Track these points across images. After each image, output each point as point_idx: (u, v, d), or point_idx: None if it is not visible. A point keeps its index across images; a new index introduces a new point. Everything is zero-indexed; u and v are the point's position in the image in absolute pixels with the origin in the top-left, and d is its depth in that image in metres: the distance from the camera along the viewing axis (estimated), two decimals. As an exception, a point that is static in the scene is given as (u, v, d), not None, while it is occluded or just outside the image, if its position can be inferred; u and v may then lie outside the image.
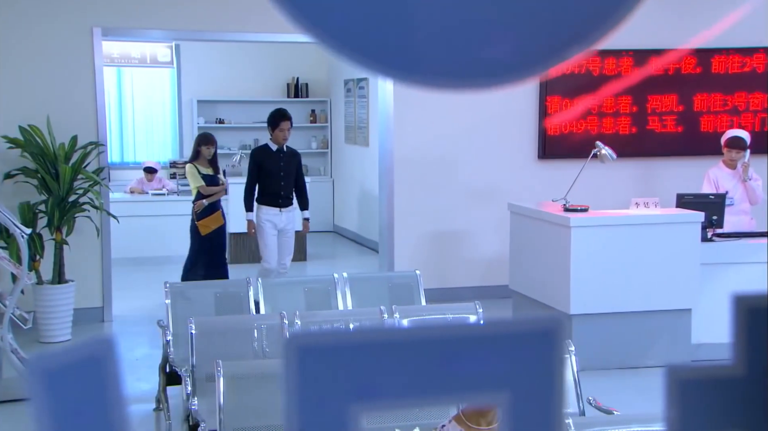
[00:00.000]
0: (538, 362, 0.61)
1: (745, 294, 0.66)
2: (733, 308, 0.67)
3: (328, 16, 0.58)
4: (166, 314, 6.17)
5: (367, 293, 6.67)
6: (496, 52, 0.61)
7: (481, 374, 0.60)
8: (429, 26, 0.58)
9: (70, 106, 8.26)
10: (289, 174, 8.25)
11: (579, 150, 8.45)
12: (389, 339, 0.59)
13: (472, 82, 0.65)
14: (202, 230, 8.51)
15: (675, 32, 9.42)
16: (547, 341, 0.62)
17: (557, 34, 0.62)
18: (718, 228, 7.32)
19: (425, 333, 0.60)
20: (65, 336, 7.90)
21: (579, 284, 6.92)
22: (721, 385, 0.67)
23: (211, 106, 13.78)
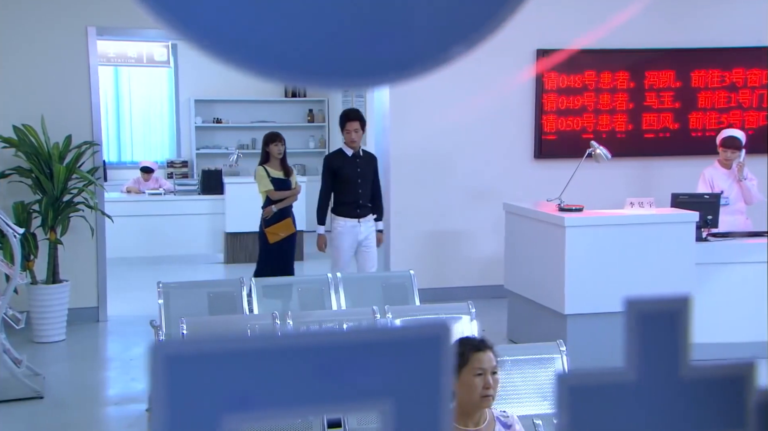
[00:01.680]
0: (422, 370, 0.60)
1: (636, 299, 0.65)
2: (625, 313, 0.66)
3: (205, 17, 0.56)
4: (159, 314, 6.16)
5: (361, 293, 6.66)
6: (378, 51, 0.60)
7: (363, 382, 0.58)
8: (309, 25, 0.57)
9: (65, 105, 8.24)
10: (367, 181, 7.57)
11: (575, 150, 8.43)
12: (264, 347, 0.57)
13: (354, 82, 0.64)
14: (271, 238, 7.99)
15: (674, 32, 9.41)
16: (432, 348, 0.60)
17: (440, 33, 0.60)
18: (713, 228, 7.31)
19: (303, 341, 0.58)
20: (59, 336, 7.89)
21: (573, 284, 6.90)
22: (613, 390, 0.65)
23: (209, 105, 13.77)
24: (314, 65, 0.58)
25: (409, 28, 0.60)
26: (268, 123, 13.94)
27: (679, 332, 0.64)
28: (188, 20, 0.55)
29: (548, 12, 9.17)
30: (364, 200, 7.53)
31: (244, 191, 11.64)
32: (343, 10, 0.57)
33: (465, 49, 0.61)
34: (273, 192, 7.97)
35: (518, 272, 7.77)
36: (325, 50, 0.58)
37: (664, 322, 0.64)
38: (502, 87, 9.19)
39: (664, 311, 0.64)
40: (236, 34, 0.55)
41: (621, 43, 9.31)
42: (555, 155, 9.18)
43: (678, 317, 0.64)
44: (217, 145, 13.83)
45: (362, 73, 0.61)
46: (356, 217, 7.52)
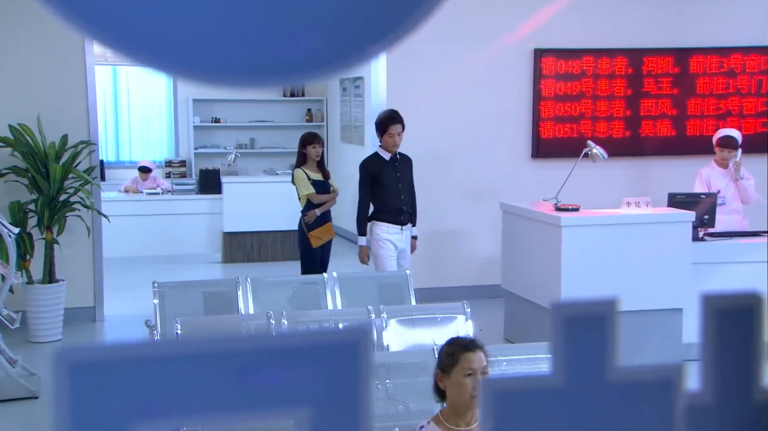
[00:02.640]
0: (340, 376, 0.58)
1: (563, 304, 0.64)
2: (551, 318, 0.65)
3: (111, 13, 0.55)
4: (154, 314, 6.16)
5: (356, 293, 6.64)
6: (293, 50, 0.59)
7: (279, 389, 0.57)
8: (221, 24, 0.56)
9: (62, 105, 8.23)
10: (407, 184, 7.23)
11: (573, 150, 8.41)
12: (172, 354, 0.56)
13: (269, 81, 0.63)
14: (314, 243, 7.69)
15: (669, 30, 9.40)
16: (350, 353, 0.59)
17: (356, 32, 0.59)
18: (710, 228, 7.29)
19: (215, 346, 0.57)
20: (56, 336, 7.88)
21: (570, 284, 6.89)
22: (539, 396, 0.64)
23: (207, 105, 13.77)
24: (224, 64, 0.57)
25: (324, 27, 0.59)
26: (266, 123, 13.95)
27: (607, 336, 0.64)
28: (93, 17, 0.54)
29: (545, 12, 9.16)
30: (406, 206, 7.21)
31: (241, 191, 11.65)
32: (258, 8, 0.56)
33: (382, 49, 0.60)
34: (315, 196, 7.68)
35: (515, 272, 7.76)
36: (238, 49, 0.57)
37: (591, 326, 0.63)
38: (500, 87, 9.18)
39: (591, 315, 0.63)
40: (148, 32, 0.54)
41: (619, 42, 9.30)
42: (553, 155, 9.16)
43: (605, 320, 0.63)
44: (215, 144, 13.82)
45: (278, 71, 0.60)
46: (399, 224, 7.16)
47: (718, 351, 0.67)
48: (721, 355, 0.67)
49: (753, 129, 9.51)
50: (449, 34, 9.02)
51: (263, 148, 13.97)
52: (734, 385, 0.66)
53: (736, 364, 0.67)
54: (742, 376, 0.67)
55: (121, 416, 0.56)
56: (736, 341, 0.67)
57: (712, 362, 0.67)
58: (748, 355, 0.67)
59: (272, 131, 14.06)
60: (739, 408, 0.66)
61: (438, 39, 9.03)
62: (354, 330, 0.59)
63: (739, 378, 0.66)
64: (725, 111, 9.48)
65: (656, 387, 0.64)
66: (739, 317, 0.67)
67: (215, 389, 0.57)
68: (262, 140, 14.04)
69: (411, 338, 5.57)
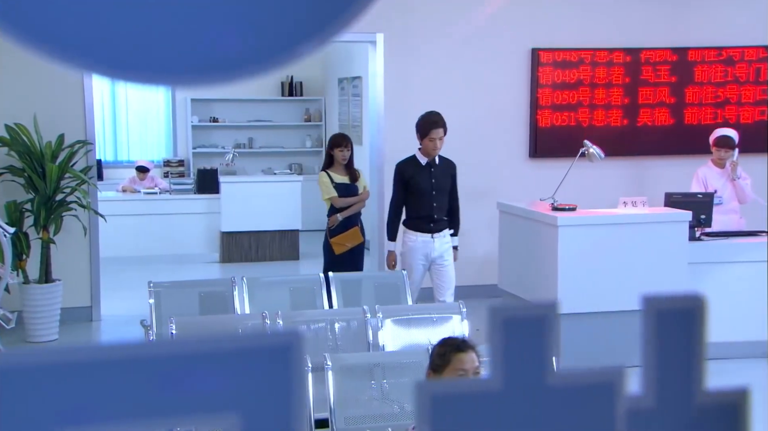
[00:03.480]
0: (271, 381, 0.57)
1: (501, 306, 0.63)
2: (490, 321, 0.64)
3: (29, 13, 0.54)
4: (150, 314, 6.15)
5: (353, 293, 6.64)
6: (225, 47, 0.58)
7: (208, 394, 0.56)
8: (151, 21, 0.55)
9: (58, 104, 8.23)
10: (442, 191, 6.85)
11: (570, 149, 8.40)
12: (98, 359, 0.55)
13: (202, 79, 0.62)
14: (337, 249, 7.40)
15: (667, 30, 9.40)
16: (281, 358, 0.58)
17: (288, 29, 0.58)
18: (707, 227, 7.29)
19: (142, 351, 0.56)
20: (52, 336, 7.87)
21: (566, 284, 6.88)
22: (478, 400, 0.63)
23: (205, 104, 13.76)
24: (149, 62, 0.56)
25: (254, 25, 0.58)
26: (264, 122, 13.94)
27: (546, 338, 0.62)
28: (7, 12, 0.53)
29: (543, 11, 9.16)
30: (439, 214, 6.82)
31: (239, 191, 11.64)
32: (187, 6, 0.55)
33: (313, 47, 0.59)
34: (337, 199, 7.42)
35: (512, 272, 7.75)
36: (164, 47, 0.56)
37: (529, 329, 0.62)
38: (498, 86, 9.17)
39: (531, 317, 0.62)
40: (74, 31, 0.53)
41: (617, 41, 9.29)
42: (550, 154, 9.15)
43: (544, 323, 0.62)
44: (213, 144, 13.82)
45: (207, 70, 0.60)
46: (429, 231, 6.82)
47: (660, 353, 0.66)
48: (663, 358, 0.66)
49: (751, 118, 9.49)
50: (447, 34, 9.02)
51: (261, 147, 13.96)
52: (676, 388, 0.65)
53: (678, 367, 0.66)
54: (684, 379, 0.66)
55: (46, 422, 0.55)
56: (678, 343, 0.66)
57: (653, 365, 0.66)
58: (690, 358, 0.66)
59: (270, 131, 14.05)
60: (681, 411, 0.65)
61: (436, 38, 9.02)
62: (285, 334, 0.58)
63: (681, 380, 0.65)
64: (723, 99, 9.45)
65: (597, 390, 0.63)
66: (681, 319, 0.66)
67: (142, 395, 0.56)
68: (261, 140, 14.03)
69: (407, 338, 5.56)
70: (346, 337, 5.58)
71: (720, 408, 0.67)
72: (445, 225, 6.88)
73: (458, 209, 7.03)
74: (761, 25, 9.11)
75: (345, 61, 13.00)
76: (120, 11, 0.54)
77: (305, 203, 12.29)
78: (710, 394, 0.67)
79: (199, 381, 0.56)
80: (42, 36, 0.54)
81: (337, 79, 13.49)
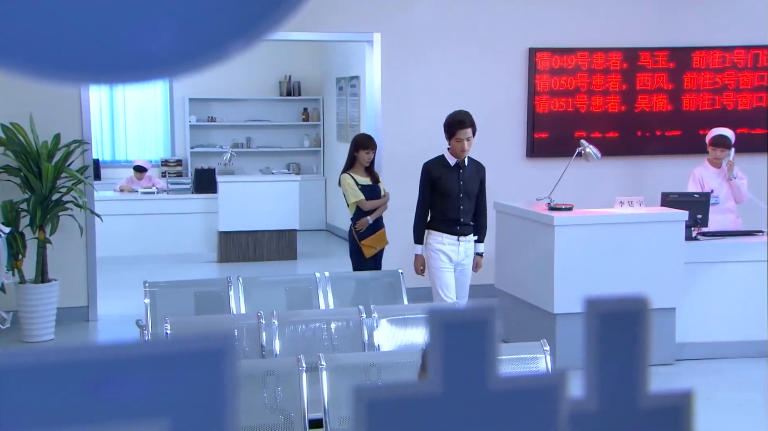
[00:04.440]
0: (202, 386, 0.56)
1: (439, 309, 0.62)
2: (428, 324, 0.63)
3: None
4: (145, 314, 6.15)
5: (349, 293, 6.64)
6: (149, 45, 0.57)
7: (137, 400, 0.55)
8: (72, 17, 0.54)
9: (54, 104, 8.22)
10: (470, 194, 6.61)
11: (568, 149, 8.39)
12: (23, 363, 0.54)
13: (125, 77, 0.61)
14: (367, 252, 7.26)
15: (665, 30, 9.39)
16: (213, 362, 0.57)
17: (216, 26, 0.57)
18: (703, 227, 7.28)
19: (69, 356, 0.55)
20: (48, 336, 7.87)
21: (563, 283, 6.87)
22: (417, 404, 0.62)
23: (203, 104, 13.75)
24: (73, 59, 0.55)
25: (182, 21, 0.57)
26: (262, 122, 13.94)
27: (487, 342, 0.62)
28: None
29: (540, 11, 9.15)
30: (465, 218, 6.58)
31: (237, 190, 11.63)
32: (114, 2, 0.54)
33: (244, 44, 0.58)
34: (365, 202, 7.27)
35: (509, 272, 7.74)
36: (91, 43, 0.55)
37: (469, 333, 0.61)
38: (495, 86, 9.16)
39: (470, 320, 0.61)
40: None
41: (614, 41, 9.28)
42: (548, 154, 9.14)
43: (484, 327, 0.62)
44: (211, 143, 13.81)
45: (134, 67, 0.59)
46: (455, 234, 6.58)
47: (603, 356, 0.65)
48: (606, 361, 0.65)
49: (749, 104, 9.46)
50: (444, 34, 9.01)
51: (259, 147, 13.96)
52: (619, 391, 0.64)
53: (622, 370, 0.65)
54: (628, 382, 0.65)
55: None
56: (621, 346, 0.65)
57: (596, 368, 0.65)
58: (633, 361, 0.65)
59: (268, 130, 14.05)
60: (625, 415, 0.64)
61: (433, 38, 9.02)
62: (217, 338, 0.57)
63: (624, 384, 0.64)
64: (722, 85, 9.42)
65: (539, 394, 0.62)
66: (625, 321, 0.65)
67: (71, 400, 0.55)
68: (259, 139, 14.02)
69: (402, 338, 5.56)
70: (342, 337, 5.58)
71: (664, 411, 0.66)
72: (471, 230, 6.64)
73: (485, 214, 6.77)
74: (760, 25, 9.10)
75: (343, 61, 12.99)
76: (44, 7, 0.53)
77: (303, 203, 12.29)
78: (654, 397, 0.66)
79: (130, 386, 0.55)
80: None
81: (335, 79, 13.49)
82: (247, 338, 5.43)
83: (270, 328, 5.44)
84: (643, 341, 0.66)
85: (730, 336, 7.14)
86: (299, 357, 4.52)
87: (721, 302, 7.15)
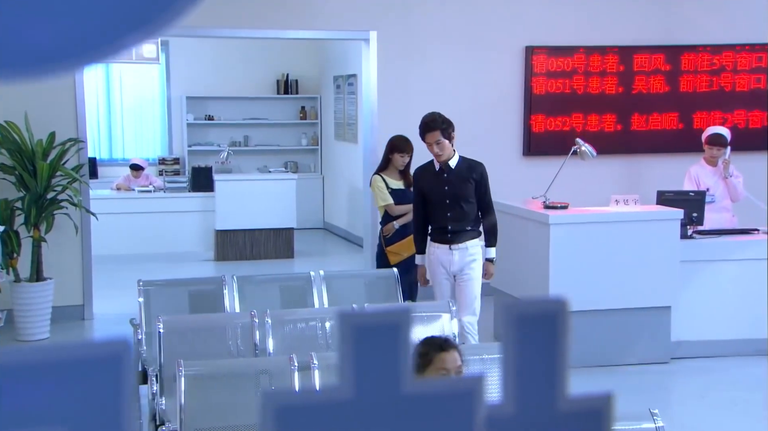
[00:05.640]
0: (98, 393, 0.55)
1: (349, 313, 0.60)
2: (338, 327, 0.61)
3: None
4: (139, 312, 6.14)
5: (344, 291, 6.62)
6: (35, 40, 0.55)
7: (30, 408, 0.54)
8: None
9: (49, 102, 8.20)
10: (458, 198, 6.17)
11: (565, 147, 8.38)
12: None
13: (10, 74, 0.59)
14: (392, 259, 6.93)
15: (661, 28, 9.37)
16: (108, 368, 0.55)
17: (108, 21, 0.56)
18: (699, 225, 7.27)
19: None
20: (43, 335, 7.86)
21: (558, 282, 6.86)
22: (328, 410, 0.61)
23: (201, 102, 13.73)
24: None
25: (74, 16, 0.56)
26: (260, 120, 13.92)
27: (400, 346, 0.60)
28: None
29: (536, 9, 9.14)
30: (455, 225, 6.16)
31: (234, 189, 11.62)
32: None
33: (139, 39, 0.57)
34: (393, 207, 6.98)
35: (505, 270, 7.71)
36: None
37: (382, 336, 0.60)
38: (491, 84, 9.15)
39: (382, 324, 0.60)
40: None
41: (611, 39, 9.27)
42: (544, 153, 9.12)
43: (398, 330, 0.60)
44: (209, 142, 13.79)
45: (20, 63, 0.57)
46: (446, 242, 6.18)
47: (521, 359, 0.63)
48: (524, 364, 0.63)
49: (747, 86, 9.43)
50: (441, 32, 9.00)
51: (257, 145, 13.94)
52: (538, 395, 0.63)
53: (540, 373, 0.64)
54: (546, 385, 0.64)
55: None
56: (539, 349, 0.64)
57: (514, 371, 0.63)
58: (551, 363, 0.64)
59: (266, 129, 14.03)
60: (543, 419, 0.63)
61: (429, 36, 9.00)
62: (112, 343, 0.56)
63: (542, 387, 0.63)
64: (719, 66, 9.39)
65: (455, 398, 0.61)
66: (543, 324, 0.63)
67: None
68: (256, 138, 14.01)
69: (396, 336, 5.53)
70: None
71: (583, 415, 0.65)
72: (469, 236, 6.21)
73: (490, 216, 6.30)
74: (759, 25, 9.08)
75: (340, 59, 12.98)
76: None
77: (300, 202, 12.28)
78: (573, 400, 0.65)
79: (24, 393, 0.53)
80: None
81: (332, 77, 13.47)
82: (241, 337, 5.42)
83: (263, 327, 5.43)
84: (561, 343, 0.65)
85: (725, 334, 7.13)
86: (291, 356, 4.51)
87: (717, 301, 7.13)
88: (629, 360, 7.00)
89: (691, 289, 7.04)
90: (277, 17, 8.78)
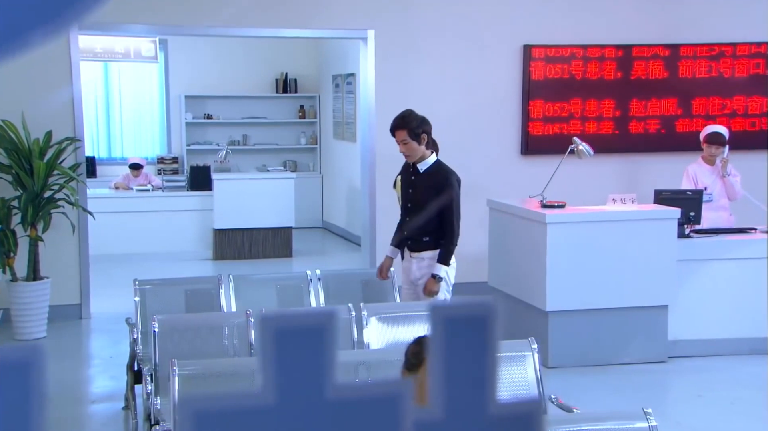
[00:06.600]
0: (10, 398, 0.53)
1: (269, 316, 0.59)
2: (258, 331, 0.60)
3: None
4: (135, 311, 6.14)
5: (340, 291, 6.62)
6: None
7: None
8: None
9: (46, 101, 8.19)
10: (419, 204, 5.78)
11: (563, 146, 8.36)
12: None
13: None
14: None
15: (659, 27, 9.35)
16: (20, 374, 0.54)
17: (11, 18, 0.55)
18: (696, 224, 7.26)
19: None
20: (40, 333, 7.86)
21: (555, 281, 6.86)
22: (247, 415, 0.59)
23: (200, 101, 13.72)
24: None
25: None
26: (259, 119, 13.91)
27: (325, 349, 0.59)
28: None
29: (534, 8, 9.12)
30: (411, 231, 5.82)
31: (232, 188, 11.61)
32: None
33: (44, 37, 0.56)
34: None
35: (502, 269, 7.72)
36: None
37: (306, 339, 0.58)
38: (489, 83, 9.13)
39: (306, 327, 0.58)
40: None
41: (609, 38, 9.25)
42: (542, 152, 9.10)
43: (322, 333, 0.59)
44: (207, 141, 13.78)
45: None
46: (402, 248, 5.92)
47: (448, 363, 0.62)
48: (451, 368, 0.62)
49: (746, 71, 9.40)
50: (438, 31, 8.98)
51: (256, 144, 13.93)
52: (466, 399, 0.62)
53: (468, 376, 0.62)
54: (475, 389, 0.63)
55: None
56: (467, 352, 0.63)
57: (441, 375, 0.62)
58: (480, 367, 0.63)
59: (265, 128, 14.02)
60: (471, 423, 0.62)
61: (427, 35, 8.98)
62: (25, 349, 0.54)
63: (471, 391, 0.62)
64: (718, 52, 9.36)
65: (380, 403, 0.60)
66: (471, 327, 0.62)
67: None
68: (255, 137, 14.00)
69: (392, 336, 5.54)
70: (332, 335, 5.54)
71: (513, 419, 0.64)
72: (426, 247, 5.82)
73: (449, 232, 5.82)
74: (758, 24, 9.07)
75: (339, 58, 12.96)
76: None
77: (299, 201, 12.27)
78: (502, 405, 0.64)
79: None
80: None
81: (331, 76, 13.46)
82: (237, 336, 5.42)
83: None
84: (490, 347, 0.64)
85: (722, 333, 7.12)
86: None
87: (714, 300, 7.12)
88: (626, 358, 6.99)
89: (688, 288, 7.03)
90: (275, 16, 8.76)
